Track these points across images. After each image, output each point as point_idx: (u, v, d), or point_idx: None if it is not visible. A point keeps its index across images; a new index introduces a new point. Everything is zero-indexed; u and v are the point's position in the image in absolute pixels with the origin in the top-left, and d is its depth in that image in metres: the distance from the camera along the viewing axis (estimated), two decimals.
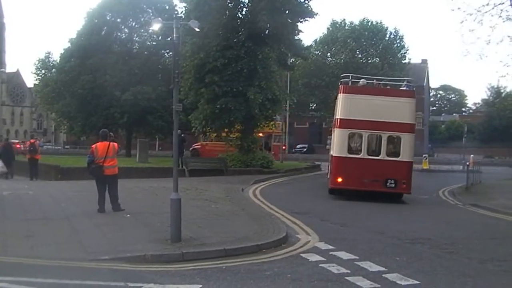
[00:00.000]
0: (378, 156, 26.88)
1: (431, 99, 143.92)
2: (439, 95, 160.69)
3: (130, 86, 52.61)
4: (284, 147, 60.19)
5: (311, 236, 16.28)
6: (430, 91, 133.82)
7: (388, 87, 29.50)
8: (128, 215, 18.11)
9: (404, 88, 28.72)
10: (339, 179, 27.06)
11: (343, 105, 27.39)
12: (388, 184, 26.64)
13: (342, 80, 28.86)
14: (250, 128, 41.82)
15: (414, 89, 29.08)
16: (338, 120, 27.67)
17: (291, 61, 53.38)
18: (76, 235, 14.84)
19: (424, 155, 60.82)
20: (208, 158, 44.53)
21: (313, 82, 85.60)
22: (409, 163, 27.30)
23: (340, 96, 27.83)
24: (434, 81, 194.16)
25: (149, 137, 58.43)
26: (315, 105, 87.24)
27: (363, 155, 26.93)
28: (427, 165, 56.89)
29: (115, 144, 19.15)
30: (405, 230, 18.17)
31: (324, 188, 30.26)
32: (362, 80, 29.02)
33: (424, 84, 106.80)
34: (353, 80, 28.64)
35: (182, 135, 38.29)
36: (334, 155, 27.82)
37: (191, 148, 58.90)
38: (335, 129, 28.17)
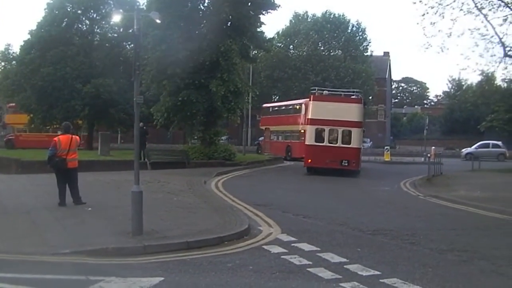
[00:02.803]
0: (336, 144, 37.62)
1: (393, 92, 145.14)
2: (401, 88, 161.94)
3: (91, 78, 52.17)
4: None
5: (273, 228, 16.35)
6: (392, 83, 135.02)
7: (342, 95, 40.42)
8: (90, 208, 18.02)
9: (354, 97, 39.69)
10: (309, 160, 38.08)
11: (312, 109, 38.53)
12: (343, 163, 37.34)
13: (311, 91, 40.64)
14: (212, 120, 41.79)
15: (361, 97, 40.09)
16: (309, 119, 38.78)
17: (253, 53, 53.37)
18: (37, 228, 14.71)
19: (386, 147, 61.45)
20: (170, 151, 44.41)
21: (275, 75, 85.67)
22: (358, 149, 38.22)
23: (310, 102, 39.26)
24: (396, 74, 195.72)
25: (111, 130, 58.04)
26: (277, 97, 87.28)
27: (325, 143, 37.70)
28: (389, 157, 57.38)
29: (77, 137, 19.09)
30: (366, 221, 18.30)
31: (286, 181, 30.79)
32: (325, 91, 40.45)
33: (386, 77, 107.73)
34: (319, 91, 39.81)
35: (144, 127, 38.09)
36: (306, 143, 38.85)
37: (5, 139, 60.05)
38: (307, 125, 39.44)
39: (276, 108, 61.72)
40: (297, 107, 56.21)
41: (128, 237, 13.72)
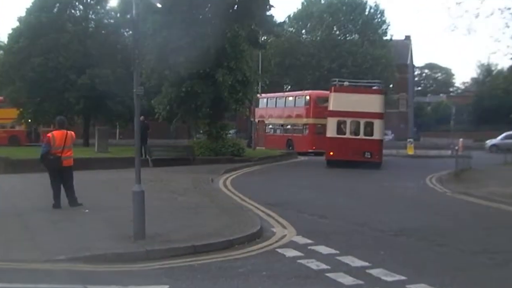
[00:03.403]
0: (358, 136, 40.26)
1: (416, 79, 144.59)
2: (424, 74, 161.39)
3: (86, 69, 52.09)
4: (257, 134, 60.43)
5: (288, 230, 16.30)
6: (415, 70, 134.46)
7: (363, 86, 43.58)
8: (87, 210, 18.04)
9: (375, 87, 42.64)
10: (332, 153, 40.38)
11: (333, 100, 41.21)
12: (366, 155, 39.79)
13: (331, 82, 43.54)
14: (219, 113, 41.78)
15: (382, 88, 43.92)
16: (330, 111, 41.18)
17: (262, 39, 53.27)
18: (29, 233, 14.71)
19: (409, 140, 61.10)
20: (173, 147, 44.42)
21: (287, 62, 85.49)
22: (380, 140, 41.01)
23: (331, 94, 41.95)
24: (419, 59, 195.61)
25: (109, 125, 57.87)
26: (289, 87, 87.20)
27: (347, 135, 40.46)
28: (413, 150, 57.19)
29: (72, 132, 19.04)
30: (389, 221, 18.24)
31: (301, 177, 30.92)
32: (345, 82, 43.33)
33: (408, 63, 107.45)
34: (339, 82, 42.86)
35: (145, 121, 38.09)
36: (327, 136, 41.20)
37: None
38: (328, 117, 41.41)
39: (274, 100, 61.82)
40: (300, 98, 56.58)
41: (129, 241, 13.70)
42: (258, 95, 55.14)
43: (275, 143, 57.23)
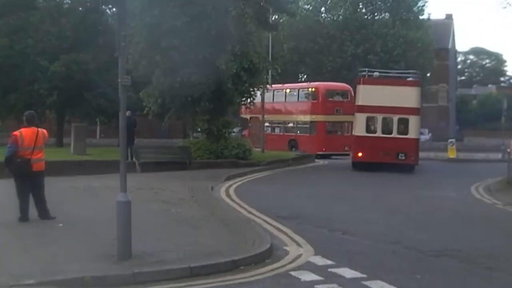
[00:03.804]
0: (390, 134, 41.82)
1: (459, 67, 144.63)
2: (469, 61, 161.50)
3: (60, 54, 52.14)
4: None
5: (303, 248, 16.31)
6: (457, 55, 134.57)
7: (397, 77, 46.37)
8: (61, 224, 18.02)
9: (410, 79, 44.50)
10: (360, 154, 42.10)
11: (362, 94, 42.89)
12: (399, 157, 41.40)
13: (359, 73, 45.12)
14: (221, 107, 41.80)
15: (418, 79, 45.11)
16: (358, 106, 42.95)
17: (273, 18, 53.32)
18: None
19: (450, 141, 60.90)
20: (166, 148, 44.46)
21: (302, 46, 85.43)
22: (416, 139, 42.68)
23: (359, 86, 43.26)
24: (463, 43, 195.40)
25: (88, 121, 57.83)
26: (306, 76, 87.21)
27: (378, 134, 42.18)
28: (455, 153, 57.13)
29: (44, 130, 18.82)
30: (426, 239, 18.26)
31: (319, 185, 30.93)
32: (375, 73, 44.79)
33: (449, 47, 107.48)
34: (369, 73, 44.04)
35: (132, 117, 38.13)
36: (355, 134, 43.42)
37: None
38: (356, 113, 43.38)
39: (271, 93, 61.69)
40: (307, 92, 56.72)
41: (112, 262, 13.68)
42: (269, 86, 55.16)
43: (274, 144, 56.91)
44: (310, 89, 57.35)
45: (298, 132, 56.84)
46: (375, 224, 21.07)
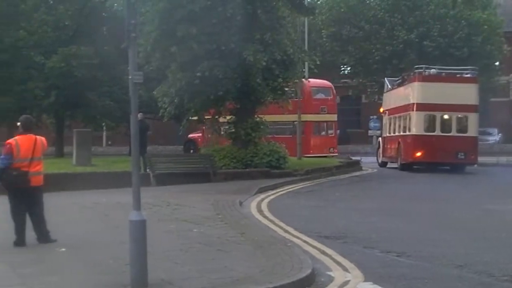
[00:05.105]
0: (449, 133, 48.57)
1: None
2: None
3: (58, 46, 52.38)
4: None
5: (351, 273, 16.24)
6: None
7: (454, 74, 51.71)
8: (63, 249, 18.03)
9: (468, 75, 50.81)
10: (418, 154, 48.25)
11: (419, 92, 49.34)
12: (459, 156, 47.71)
13: (415, 70, 51.41)
14: (249, 106, 41.90)
15: (476, 75, 51.23)
16: (415, 104, 49.12)
17: (309, 0, 53.29)
18: None
19: None
20: (185, 156, 44.57)
21: (345, 33, 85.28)
22: (475, 138, 49.66)
23: (416, 84, 49.84)
24: None
25: (92, 126, 57.90)
26: (349, 68, 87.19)
27: (437, 132, 48.64)
28: None
29: (43, 138, 18.76)
30: (499, 261, 18.03)
31: (367, 197, 30.87)
32: (432, 70, 51.10)
33: None
34: (426, 70, 50.39)
35: (144, 120, 38.25)
36: (413, 133, 49.14)
37: None
38: (413, 112, 49.36)
39: None
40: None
41: None
42: (305, 80, 55.14)
43: None
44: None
45: (278, 133, 56.05)
46: (436, 244, 20.94)
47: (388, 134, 57.34)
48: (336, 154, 61.58)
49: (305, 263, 16.35)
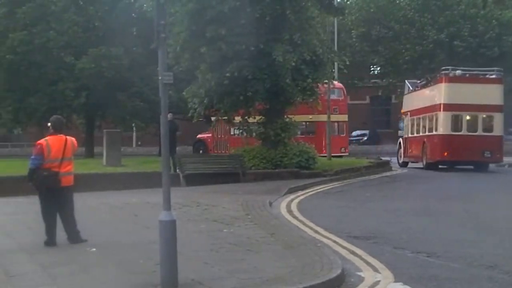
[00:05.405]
0: (476, 132, 50.27)
1: None
2: None
3: (88, 47, 52.48)
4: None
5: (381, 274, 16.21)
6: None
7: (480, 75, 53.56)
8: (94, 249, 18.08)
9: (494, 76, 52.27)
10: (446, 153, 50.15)
11: (446, 92, 50.88)
12: (485, 154, 49.74)
13: (442, 71, 52.66)
14: (278, 107, 41.86)
15: (501, 76, 52.55)
16: (442, 105, 50.70)
17: (339, 0, 53.20)
18: (10, 283, 14.81)
19: None
20: (214, 157, 44.55)
21: (374, 33, 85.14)
22: (501, 137, 51.68)
23: (442, 85, 51.21)
24: None
25: (122, 127, 58.09)
26: (379, 69, 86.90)
27: (463, 132, 50.36)
28: None
29: (73, 139, 18.82)
30: None
31: (398, 197, 30.87)
32: (458, 71, 52.16)
33: None
34: (452, 71, 51.81)
35: (174, 121, 38.22)
36: (440, 133, 50.89)
37: None
38: (440, 112, 50.94)
39: None
40: None
41: None
42: (335, 81, 54.99)
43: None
44: None
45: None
46: (467, 245, 20.82)
47: (410, 135, 58.66)
48: (347, 153, 64.20)
49: (335, 264, 16.31)
